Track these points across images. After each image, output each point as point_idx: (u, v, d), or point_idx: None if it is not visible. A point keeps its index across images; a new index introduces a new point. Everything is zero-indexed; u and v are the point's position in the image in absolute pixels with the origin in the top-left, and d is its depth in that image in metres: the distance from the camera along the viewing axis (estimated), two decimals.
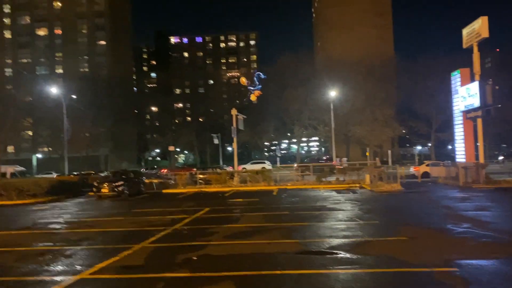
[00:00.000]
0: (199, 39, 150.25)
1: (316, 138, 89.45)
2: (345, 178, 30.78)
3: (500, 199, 19.97)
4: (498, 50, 73.33)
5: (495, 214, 15.10)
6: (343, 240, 10.86)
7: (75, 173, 49.45)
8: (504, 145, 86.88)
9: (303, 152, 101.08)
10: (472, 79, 27.86)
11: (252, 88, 32.09)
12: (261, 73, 33.18)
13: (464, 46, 28.51)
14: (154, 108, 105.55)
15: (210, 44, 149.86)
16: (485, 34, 26.49)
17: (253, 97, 32.69)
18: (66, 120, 44.30)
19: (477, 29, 26.94)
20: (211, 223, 14.32)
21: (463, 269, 7.98)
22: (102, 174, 51.63)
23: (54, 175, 52.39)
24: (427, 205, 18.32)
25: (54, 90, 53.72)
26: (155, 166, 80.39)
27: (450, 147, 79.60)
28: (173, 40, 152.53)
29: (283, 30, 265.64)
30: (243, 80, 33.08)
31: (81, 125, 63.61)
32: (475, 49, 27.39)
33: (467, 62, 31.50)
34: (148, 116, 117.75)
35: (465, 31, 28.42)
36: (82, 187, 31.47)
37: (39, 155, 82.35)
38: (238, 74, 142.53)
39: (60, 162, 67.94)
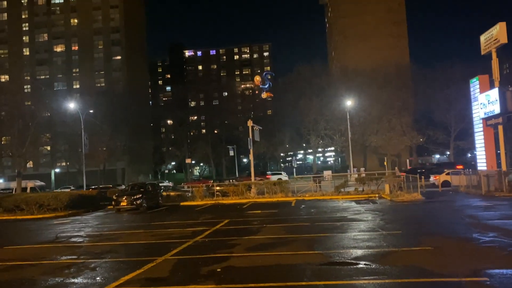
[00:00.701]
0: (213, 52, 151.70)
1: (332, 148, 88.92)
2: (364, 188, 30.44)
3: None
4: None
5: None
6: (367, 250, 10.68)
7: (93, 187, 50.00)
8: None
9: (319, 162, 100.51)
10: (492, 86, 27.46)
11: (263, 86, 33.99)
12: (269, 72, 34.72)
13: (483, 52, 28.17)
14: (169, 121, 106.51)
15: (224, 57, 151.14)
16: (504, 40, 26.15)
17: (264, 95, 35.51)
18: (84, 135, 44.94)
19: (495, 35, 26.62)
20: (232, 235, 14.25)
21: (494, 279, 7.76)
22: (120, 188, 52.06)
23: (73, 189, 53.00)
24: (450, 214, 17.97)
25: (71, 105, 54.64)
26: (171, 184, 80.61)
27: (469, 155, 78.28)
28: (187, 53, 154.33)
29: (297, 40, 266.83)
30: (257, 79, 34.62)
31: (98, 140, 64.37)
32: (494, 55, 27.04)
33: (485, 69, 31.14)
34: (163, 129, 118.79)
35: (483, 38, 28.11)
36: (101, 200, 31.72)
37: (57, 170, 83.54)
38: (253, 86, 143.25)
39: (78, 176, 68.89)
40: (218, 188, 33.44)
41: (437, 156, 79.58)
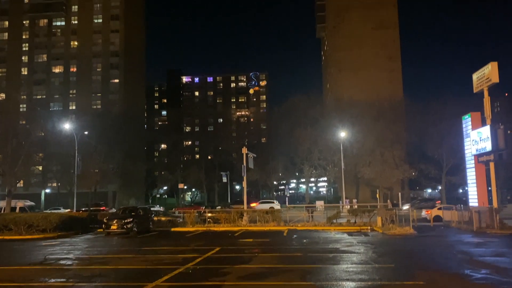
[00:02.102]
0: (210, 79, 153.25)
1: (325, 178, 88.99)
2: (356, 220, 30.39)
3: None
4: (507, 94, 73.86)
5: None
6: (360, 283, 10.65)
7: (83, 208, 49.45)
8: None
9: (312, 192, 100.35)
10: (483, 123, 27.96)
11: (251, 84, 36.13)
12: (256, 73, 36.57)
13: (475, 90, 28.81)
14: (163, 145, 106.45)
15: (221, 84, 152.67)
16: (496, 79, 26.81)
17: (251, 91, 37.82)
18: (78, 156, 44.82)
19: (487, 74, 27.30)
20: (224, 263, 14.14)
21: None
22: (111, 211, 51.49)
23: (63, 210, 52.40)
24: (442, 249, 17.98)
25: (67, 126, 54.67)
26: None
27: (461, 190, 78.67)
28: (184, 79, 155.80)
29: (293, 71, 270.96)
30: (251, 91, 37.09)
31: (91, 161, 64.09)
32: (486, 93, 27.65)
33: (477, 106, 31.75)
34: (157, 153, 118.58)
35: (475, 76, 28.80)
36: (91, 223, 31.34)
37: (48, 190, 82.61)
38: (248, 113, 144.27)
39: (68, 198, 68.21)
40: (209, 214, 33.23)
41: (429, 190, 79.90)
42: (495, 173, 27.77)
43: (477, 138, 27.96)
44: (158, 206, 71.43)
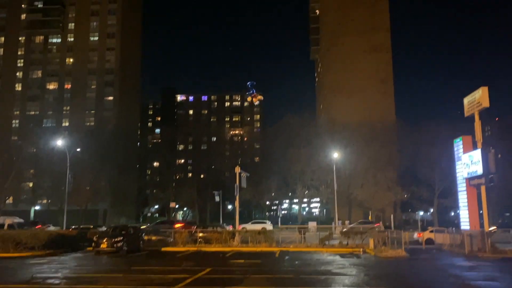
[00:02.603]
0: (204, 98, 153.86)
1: (318, 199, 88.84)
2: (348, 241, 30.26)
3: (509, 270, 19.54)
4: (497, 119, 74.77)
5: (505, 285, 14.74)
6: None
7: (73, 226, 48.82)
8: (507, 214, 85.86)
9: (304, 213, 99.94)
10: (475, 147, 28.25)
11: (248, 93, 37.96)
12: (251, 82, 39.07)
13: (466, 114, 29.20)
14: (156, 164, 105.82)
15: (215, 103, 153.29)
16: (486, 104, 27.23)
17: (249, 99, 39.97)
18: (69, 173, 44.46)
19: (478, 98, 27.73)
20: (214, 284, 13.99)
21: None
22: (101, 229, 50.86)
23: (52, 228, 51.66)
24: (434, 272, 17.91)
25: (59, 142, 54.40)
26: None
27: (452, 213, 78.76)
28: (179, 97, 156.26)
29: (287, 91, 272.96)
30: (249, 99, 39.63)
31: (83, 178, 63.63)
32: (477, 117, 28.01)
33: (468, 130, 32.14)
34: (149, 172, 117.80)
35: (466, 100, 29.23)
36: (81, 241, 30.90)
37: (38, 207, 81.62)
38: (242, 132, 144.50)
39: (58, 215, 67.31)
40: (201, 234, 32.91)
41: (421, 213, 79.84)
42: (486, 197, 27.93)
43: (469, 162, 28.21)
44: (149, 225, 70.64)
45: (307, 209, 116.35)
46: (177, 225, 48.52)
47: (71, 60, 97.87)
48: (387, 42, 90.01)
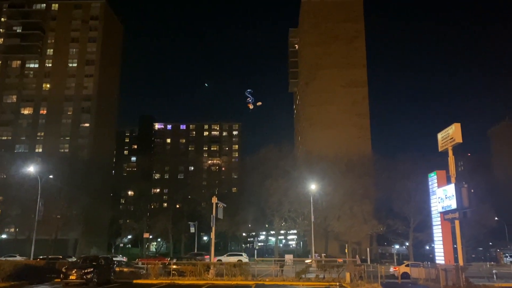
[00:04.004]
0: (183, 126, 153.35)
1: (295, 231, 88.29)
2: (325, 275, 29.94)
3: None
4: (469, 154, 76.81)
5: None
6: None
7: (41, 257, 46.92)
8: (481, 248, 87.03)
9: (281, 245, 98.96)
10: (449, 181, 28.76)
11: (248, 101, 39.52)
12: (249, 90, 40.12)
13: (440, 149, 29.88)
14: (130, 192, 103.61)
15: (194, 132, 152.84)
16: (459, 139, 27.95)
17: (250, 106, 41.39)
18: (40, 201, 43.11)
19: (451, 134, 28.46)
20: None
21: None
22: (70, 259, 49.05)
23: (19, 258, 49.54)
24: None
25: (31, 169, 52.86)
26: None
27: (427, 247, 79.28)
28: (157, 126, 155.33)
29: (266, 122, 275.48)
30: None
31: (54, 207, 61.75)
32: (450, 153, 28.67)
33: (442, 164, 32.82)
34: (123, 200, 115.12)
35: (440, 136, 29.97)
36: (49, 272, 29.63)
37: (4, 236, 78.40)
38: (220, 162, 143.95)
39: (26, 245, 64.59)
40: (175, 266, 32.09)
41: (397, 246, 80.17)
42: (460, 231, 28.25)
43: (443, 196, 28.64)
44: (121, 256, 68.67)
45: (284, 241, 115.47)
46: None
47: (48, 85, 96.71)
48: (363, 78, 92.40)
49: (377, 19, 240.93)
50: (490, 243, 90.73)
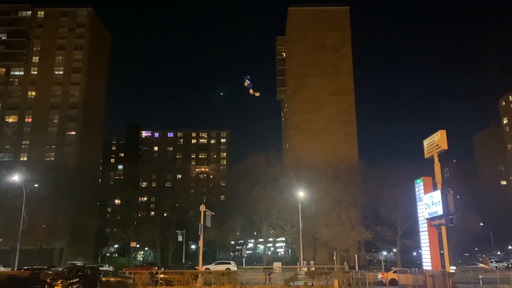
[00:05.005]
0: (170, 134, 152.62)
1: (283, 239, 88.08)
2: (313, 282, 29.91)
3: None
4: (455, 161, 77.76)
5: None
6: None
7: (25, 267, 45.99)
8: (467, 254, 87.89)
9: (270, 253, 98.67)
10: (435, 188, 29.07)
11: (249, 86, 38.97)
12: (248, 76, 39.54)
13: (426, 156, 30.22)
14: (117, 201, 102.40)
15: (181, 140, 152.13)
16: (444, 146, 28.31)
17: (251, 91, 40.43)
18: (25, 210, 42.42)
19: (436, 141, 28.82)
20: None
21: None
22: (55, 269, 48.16)
23: (2, 269, 48.56)
24: None
25: (15, 178, 52.04)
26: None
27: (415, 253, 79.81)
28: (144, 134, 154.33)
29: (254, 130, 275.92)
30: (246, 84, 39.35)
31: (39, 216, 60.73)
32: (436, 159, 29.02)
33: (428, 170, 33.17)
34: (110, 209, 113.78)
35: (426, 142, 30.32)
36: (33, 283, 29.07)
37: None
38: (208, 170, 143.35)
39: (10, 255, 63.38)
40: (162, 276, 31.78)
41: (385, 253, 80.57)
42: (446, 237, 28.51)
43: (429, 202, 28.92)
44: (107, 265, 67.74)
45: (272, 249, 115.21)
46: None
47: (33, 93, 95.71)
48: (350, 86, 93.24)
49: (363, 28, 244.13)
50: (476, 249, 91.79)
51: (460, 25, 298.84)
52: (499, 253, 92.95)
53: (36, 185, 57.26)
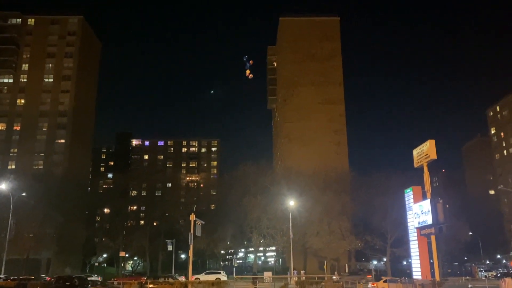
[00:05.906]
0: (161, 143, 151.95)
1: (273, 248, 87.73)
2: None
3: None
4: (444, 170, 78.44)
5: None
6: None
7: (11, 277, 45.20)
8: (456, 263, 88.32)
9: (260, 262, 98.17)
10: (424, 197, 29.29)
11: (247, 66, 38.90)
12: (246, 59, 39.61)
13: (415, 165, 30.46)
14: (106, 210, 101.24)
15: (172, 148, 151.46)
16: (433, 156, 28.58)
17: (248, 72, 39.95)
18: (12, 219, 41.82)
19: (426, 151, 29.10)
20: None
21: None
22: (42, 280, 47.41)
23: None
24: None
25: (3, 186, 51.35)
26: None
27: (405, 262, 80.00)
28: (134, 142, 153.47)
29: (245, 138, 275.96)
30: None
31: (27, 225, 59.86)
32: (425, 169, 29.26)
33: (418, 179, 33.41)
34: (99, 218, 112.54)
35: (415, 152, 30.58)
36: None
37: None
38: (198, 178, 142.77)
39: None
40: (151, 286, 31.47)
41: (375, 262, 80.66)
42: (436, 246, 28.66)
43: (419, 211, 29.09)
44: (96, 275, 66.80)
45: (262, 258, 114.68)
46: None
47: (22, 101, 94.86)
48: (340, 95, 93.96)
49: (353, 37, 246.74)
50: (465, 258, 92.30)
51: (449, 36, 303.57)
52: (488, 262, 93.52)
53: (23, 194, 56.53)
